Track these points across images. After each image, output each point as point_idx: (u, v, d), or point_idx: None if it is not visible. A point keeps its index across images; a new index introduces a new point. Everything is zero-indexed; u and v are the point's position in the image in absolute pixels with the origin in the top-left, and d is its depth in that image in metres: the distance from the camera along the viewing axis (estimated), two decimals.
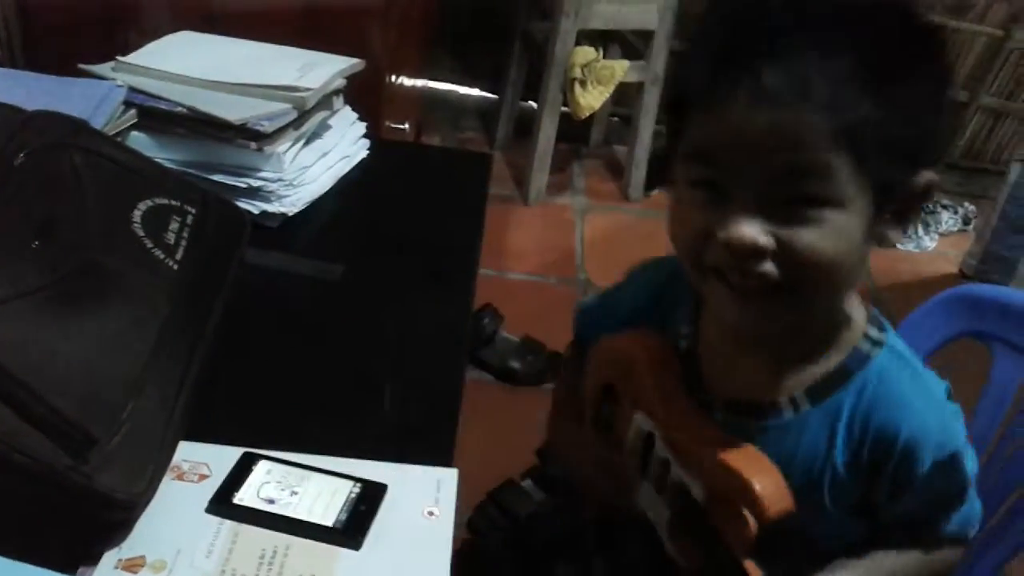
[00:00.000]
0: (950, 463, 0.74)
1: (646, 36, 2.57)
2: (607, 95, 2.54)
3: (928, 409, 0.73)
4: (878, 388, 0.72)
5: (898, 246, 2.78)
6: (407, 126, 1.74)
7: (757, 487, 0.66)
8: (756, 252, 0.62)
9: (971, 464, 0.76)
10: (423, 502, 0.84)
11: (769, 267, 0.64)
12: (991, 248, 2.40)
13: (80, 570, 0.72)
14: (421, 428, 0.92)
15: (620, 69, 2.51)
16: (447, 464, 0.87)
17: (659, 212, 0.75)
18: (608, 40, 2.69)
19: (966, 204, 2.94)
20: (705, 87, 0.63)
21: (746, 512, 0.66)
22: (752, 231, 0.62)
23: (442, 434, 0.92)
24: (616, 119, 3.12)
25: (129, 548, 0.75)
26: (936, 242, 2.84)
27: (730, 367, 0.77)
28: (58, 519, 0.72)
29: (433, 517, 0.83)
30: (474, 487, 1.15)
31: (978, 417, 1.05)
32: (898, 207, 0.67)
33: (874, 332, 0.74)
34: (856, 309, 0.74)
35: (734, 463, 0.67)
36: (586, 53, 2.48)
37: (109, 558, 0.73)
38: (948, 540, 0.79)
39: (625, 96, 2.74)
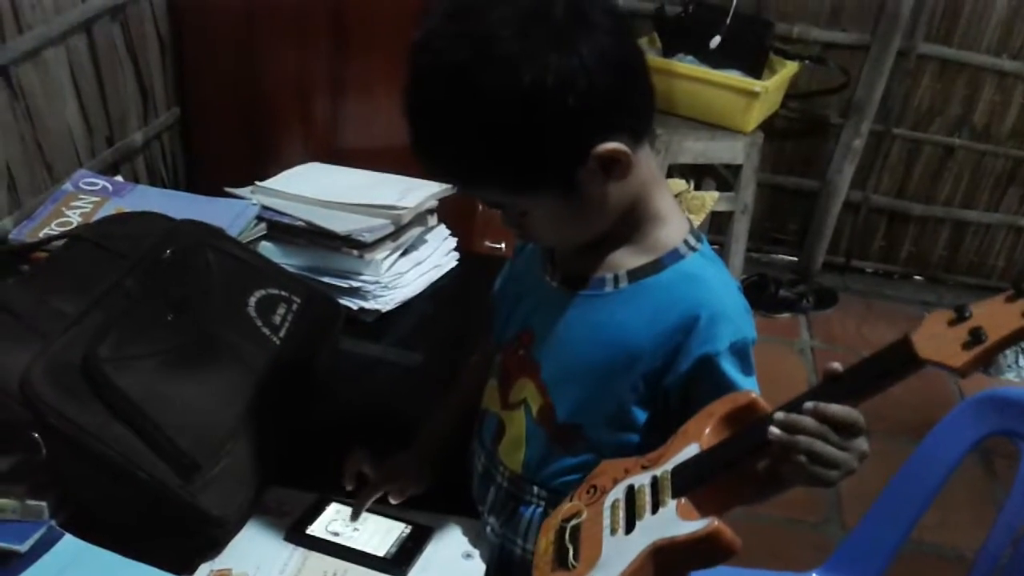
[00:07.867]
0: (744, 351, 0.84)
1: (735, 168, 2.73)
2: (698, 224, 2.70)
3: (727, 294, 0.87)
4: (687, 277, 0.87)
5: (1001, 375, 2.77)
6: (503, 246, 1.94)
7: None
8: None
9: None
10: (462, 546, 0.99)
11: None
12: None
13: None
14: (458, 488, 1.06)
15: (710, 199, 2.67)
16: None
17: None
18: (701, 172, 2.87)
19: None
20: None
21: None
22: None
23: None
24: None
25: (220, 562, 0.93)
26: None
27: (572, 254, 0.92)
28: (167, 529, 0.91)
29: (470, 559, 0.97)
30: None
31: (1009, 505, 1.12)
32: (593, 173, 0.81)
33: (692, 240, 0.89)
34: (674, 221, 0.89)
35: None
36: (677, 184, 2.66)
37: (203, 568, 0.92)
38: None
39: (716, 224, 2.89)
